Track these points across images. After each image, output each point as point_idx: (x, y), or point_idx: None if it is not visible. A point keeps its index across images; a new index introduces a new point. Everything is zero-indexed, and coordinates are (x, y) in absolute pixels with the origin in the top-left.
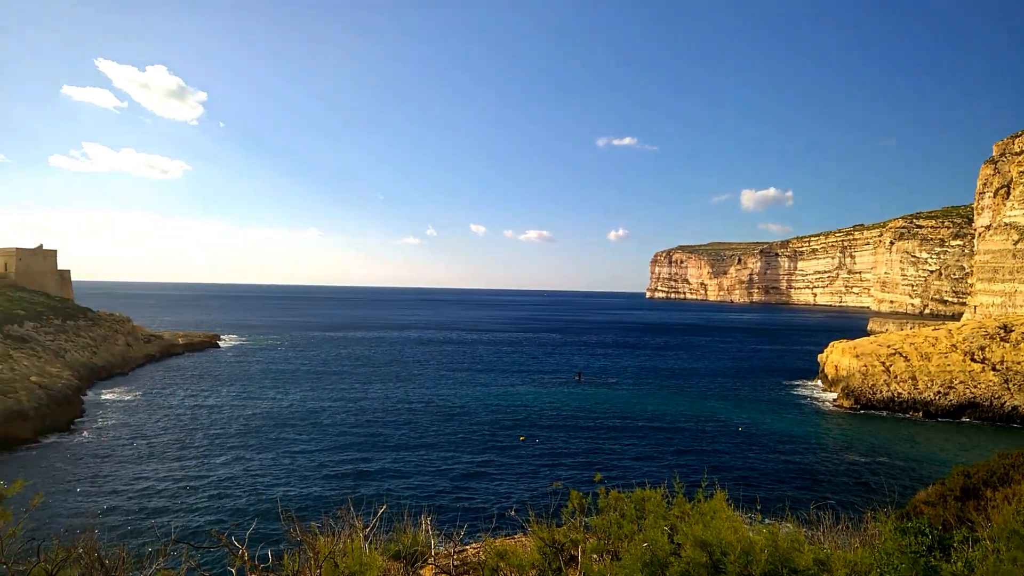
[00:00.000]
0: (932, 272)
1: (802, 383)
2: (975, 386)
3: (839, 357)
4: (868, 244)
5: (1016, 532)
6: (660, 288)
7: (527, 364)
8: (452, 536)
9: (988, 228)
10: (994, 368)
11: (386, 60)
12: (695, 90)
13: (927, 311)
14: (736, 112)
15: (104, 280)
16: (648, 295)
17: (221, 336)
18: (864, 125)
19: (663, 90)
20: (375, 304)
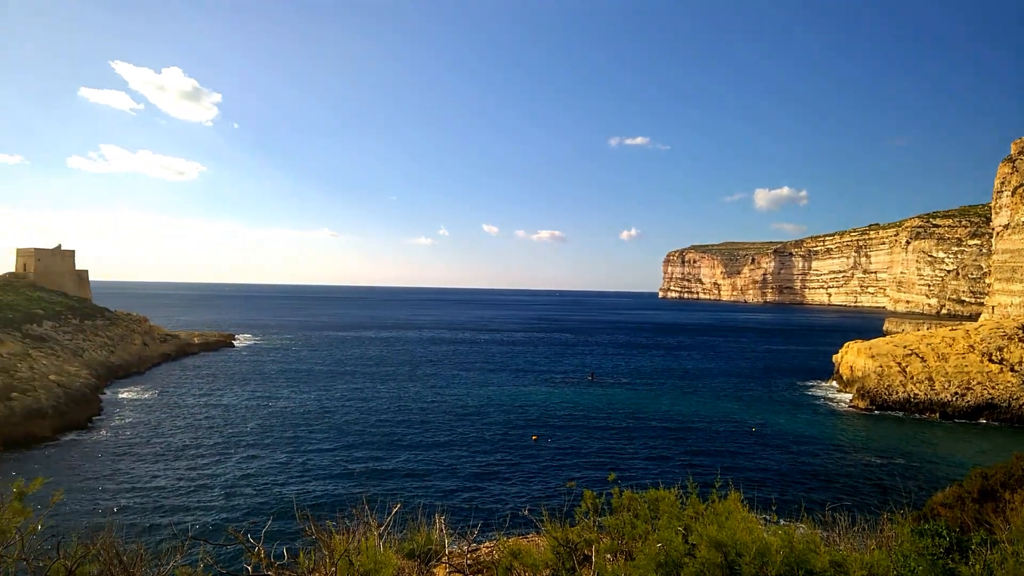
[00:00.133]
0: (949, 272)
1: (817, 384)
2: (993, 387)
3: (854, 357)
4: (884, 244)
5: None
6: (673, 288)
7: (539, 364)
8: (466, 535)
9: (1006, 227)
10: (1012, 369)
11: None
12: (708, 89)
13: (944, 311)
14: (749, 111)
15: (121, 280)
16: (661, 295)
17: (236, 336)
18: (879, 123)
19: (675, 89)
20: (387, 304)
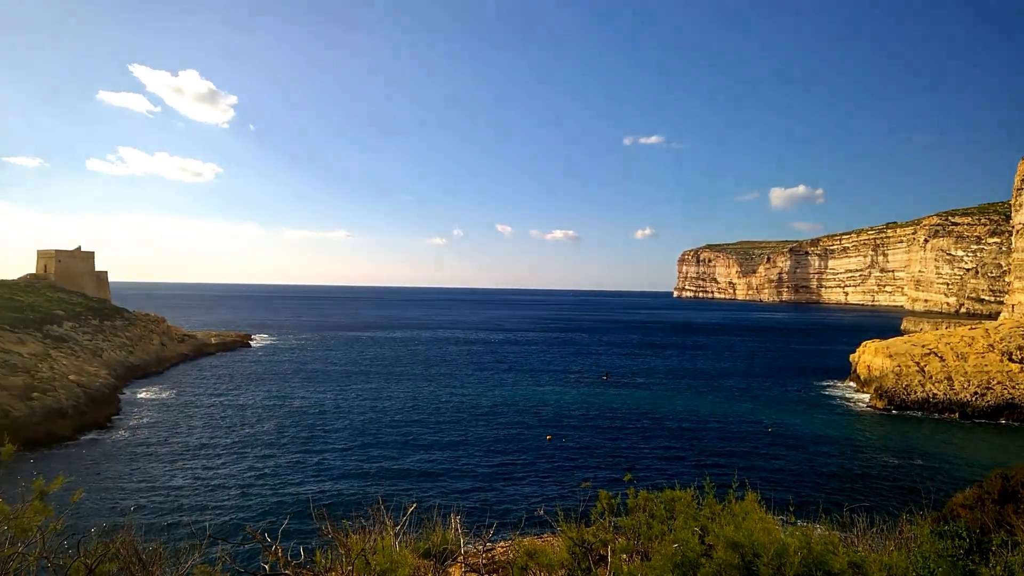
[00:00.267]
0: (968, 270)
1: (834, 384)
2: (1013, 387)
3: (872, 357)
4: (901, 242)
5: None
6: (688, 287)
7: (554, 364)
8: (481, 535)
9: None
10: None
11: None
12: (723, 87)
13: (963, 310)
14: (764, 109)
15: (139, 281)
16: (676, 294)
17: (252, 336)
18: (897, 121)
19: (690, 88)
20: (402, 304)
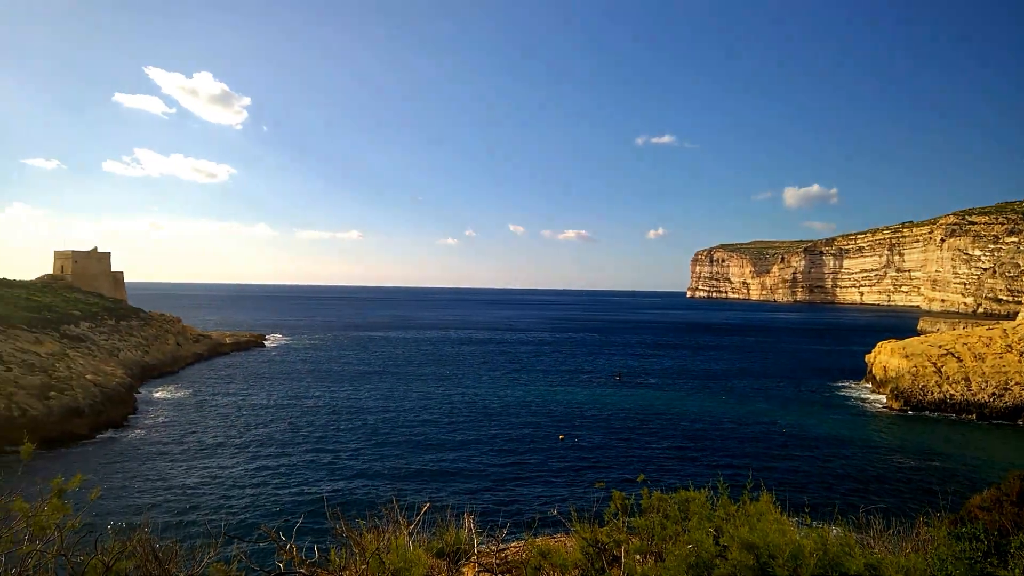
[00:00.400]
0: (986, 270)
1: (849, 384)
2: None
3: (888, 358)
4: (918, 241)
5: None
6: (701, 287)
7: (566, 364)
8: (494, 535)
9: None
10: None
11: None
12: (735, 86)
13: (980, 310)
14: (778, 108)
15: (154, 281)
16: (689, 294)
17: (266, 336)
18: (912, 119)
19: (702, 87)
20: (414, 304)
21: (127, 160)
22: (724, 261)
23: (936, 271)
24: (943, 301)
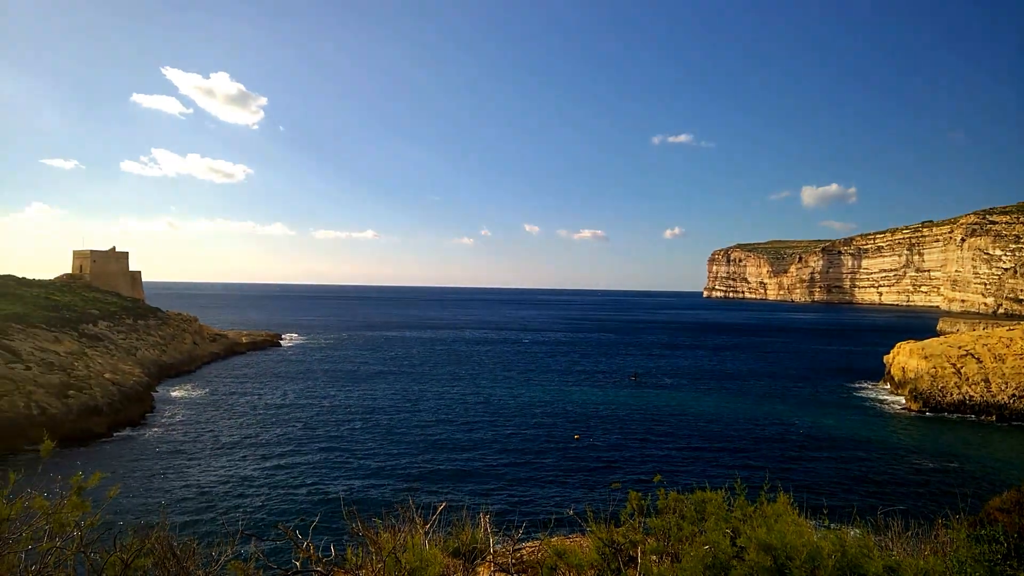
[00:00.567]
0: (1007, 270)
1: (867, 385)
2: None
3: (906, 358)
4: (938, 241)
5: None
6: (718, 287)
7: (582, 364)
8: (510, 534)
9: None
10: None
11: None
12: (752, 84)
13: (1001, 311)
14: (796, 106)
15: (172, 280)
16: (705, 294)
17: (282, 335)
18: (932, 118)
19: (719, 85)
20: (430, 304)
21: (144, 160)
22: (741, 261)
23: (956, 271)
24: (963, 301)
